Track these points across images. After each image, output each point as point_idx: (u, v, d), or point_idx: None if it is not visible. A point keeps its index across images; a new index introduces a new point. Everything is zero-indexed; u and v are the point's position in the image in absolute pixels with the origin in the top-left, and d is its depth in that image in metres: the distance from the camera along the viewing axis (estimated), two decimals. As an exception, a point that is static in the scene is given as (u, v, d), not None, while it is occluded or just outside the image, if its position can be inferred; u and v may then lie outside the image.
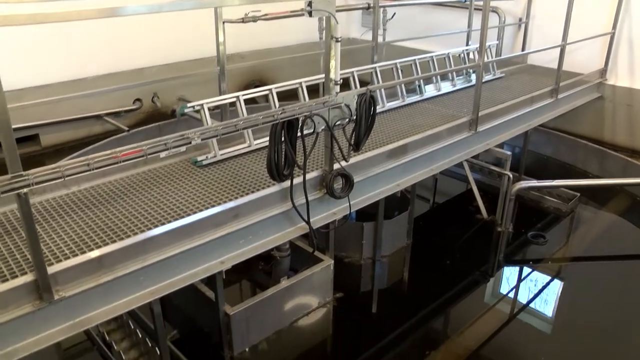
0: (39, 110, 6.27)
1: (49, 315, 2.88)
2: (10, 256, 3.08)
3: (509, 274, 5.58)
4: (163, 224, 3.36)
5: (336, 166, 3.97)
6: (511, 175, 6.10)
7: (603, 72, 7.40)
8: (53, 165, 2.72)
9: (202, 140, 3.16)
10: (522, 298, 5.14)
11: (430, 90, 6.27)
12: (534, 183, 6.38)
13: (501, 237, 6.05)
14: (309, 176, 3.83)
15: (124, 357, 4.26)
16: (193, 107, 4.34)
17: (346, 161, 4.02)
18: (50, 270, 2.85)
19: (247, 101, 4.63)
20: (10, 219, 3.53)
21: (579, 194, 6.66)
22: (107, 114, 6.80)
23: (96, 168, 2.82)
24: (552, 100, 6.48)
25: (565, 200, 6.66)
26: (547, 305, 5.01)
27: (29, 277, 2.82)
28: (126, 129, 6.07)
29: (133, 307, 3.19)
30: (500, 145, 6.27)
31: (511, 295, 5.21)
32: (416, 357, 4.32)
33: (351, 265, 5.55)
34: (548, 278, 5.41)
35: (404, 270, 5.60)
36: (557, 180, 6.34)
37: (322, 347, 4.59)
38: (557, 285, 5.33)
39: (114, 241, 3.20)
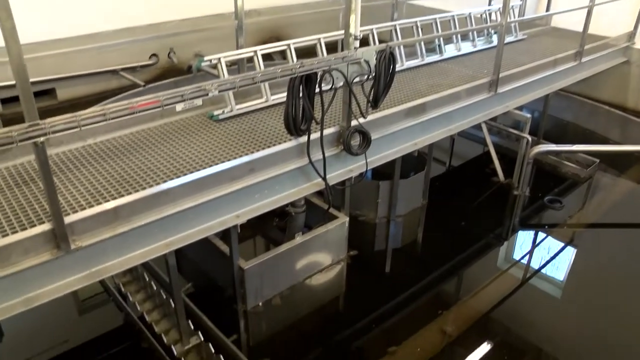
0: (56, 64, 6.23)
1: (66, 264, 2.91)
2: (28, 206, 3.09)
3: (524, 237, 5.55)
4: (179, 176, 3.34)
5: (354, 123, 3.92)
6: (530, 139, 6.00)
7: (631, 36, 7.17)
8: (69, 115, 2.69)
9: (219, 92, 3.11)
10: (535, 263, 5.12)
11: (450, 50, 6.14)
12: (552, 147, 6.29)
13: (517, 200, 6.00)
14: (326, 132, 3.79)
15: (139, 308, 4.31)
16: (210, 60, 4.27)
17: (364, 118, 3.97)
18: (67, 220, 2.86)
19: (264, 58, 4.56)
20: (28, 170, 3.54)
21: (598, 160, 6.56)
22: (123, 69, 6.74)
23: (112, 118, 2.78)
24: (576, 63, 6.32)
25: (583, 166, 6.56)
26: (559, 270, 4.99)
27: (46, 227, 2.84)
28: (142, 84, 6.06)
29: (148, 258, 3.20)
30: (520, 108, 6.17)
31: (524, 259, 5.18)
32: (428, 316, 4.34)
33: (366, 224, 5.54)
34: (562, 243, 5.38)
35: (418, 230, 5.59)
36: (576, 145, 6.24)
37: (335, 304, 4.61)
38: (571, 251, 5.29)
39: (130, 193, 3.19)
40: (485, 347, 4.01)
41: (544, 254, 5.22)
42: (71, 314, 4.50)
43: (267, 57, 4.60)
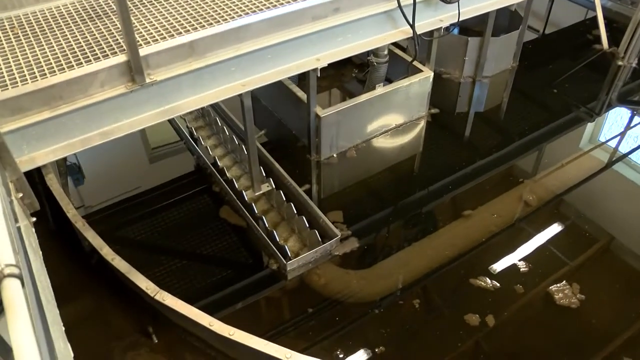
0: None
1: (141, 98, 2.88)
2: (102, 40, 3.00)
3: (618, 115, 5.04)
4: (257, 12, 3.14)
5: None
6: (648, 1, 5.32)
7: None
8: None
9: None
10: (625, 146, 4.66)
11: None
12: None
13: (620, 72, 5.43)
14: (419, -27, 3.45)
15: (211, 153, 4.33)
16: None
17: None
18: (142, 52, 2.78)
19: None
20: (102, 4, 3.40)
21: None
22: None
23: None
24: None
25: None
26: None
27: (121, 58, 2.77)
28: None
29: (223, 98, 3.13)
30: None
31: (614, 140, 4.73)
32: (504, 185, 4.16)
33: (450, 83, 5.24)
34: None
35: (504, 95, 5.23)
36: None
37: (410, 163, 4.49)
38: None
39: (206, 28, 3.03)
40: (556, 228, 3.82)
41: (637, 138, 4.75)
42: (142, 163, 4.60)
43: None
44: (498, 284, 3.42)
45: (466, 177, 4.23)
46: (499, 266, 3.54)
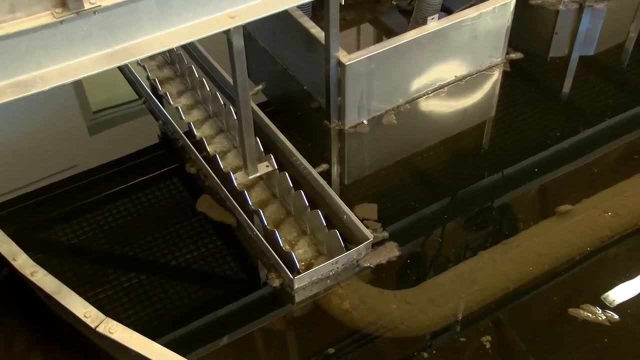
0: None
1: (76, 33, 2.82)
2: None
3: None
4: None
5: None
6: None
7: None
8: None
9: None
10: None
11: None
12: None
13: None
14: None
15: (183, 118, 4.30)
16: None
17: None
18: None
19: None
20: None
21: None
22: None
23: None
24: None
25: None
26: None
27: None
28: None
29: (202, 35, 3.05)
30: None
31: None
32: (617, 171, 4.10)
33: (541, 12, 5.20)
34: None
35: (631, 29, 5.15)
36: None
37: (476, 134, 4.42)
38: None
39: None
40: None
41: None
42: (78, 132, 4.59)
43: None
44: (616, 317, 3.33)
45: (562, 155, 4.20)
46: (617, 291, 3.46)
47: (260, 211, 3.68)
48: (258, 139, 3.85)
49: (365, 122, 4.33)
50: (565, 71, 4.84)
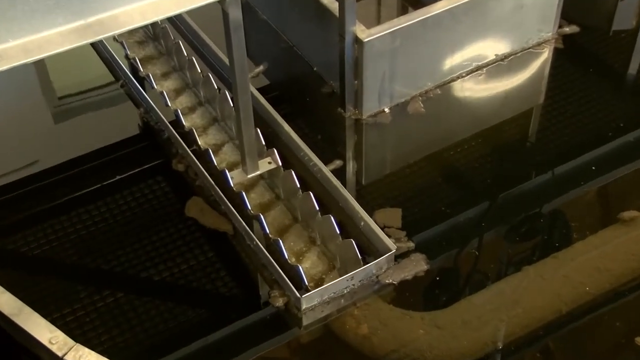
0: None
1: (40, 1, 2.78)
2: None
3: None
4: None
5: None
6: None
7: None
8: None
9: None
10: None
11: None
12: None
13: None
14: None
15: (170, 104, 4.29)
16: None
17: None
18: None
19: None
20: None
21: None
22: None
23: None
24: None
25: None
26: None
27: None
28: None
29: (191, 6, 3.03)
30: None
31: None
32: None
33: None
34: None
35: None
36: None
37: (521, 125, 4.41)
38: None
39: None
40: None
41: None
42: (42, 121, 4.62)
43: None
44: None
45: (626, 151, 4.20)
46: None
47: (261, 216, 3.63)
48: (259, 131, 3.84)
49: (386, 110, 4.31)
50: (632, 48, 4.84)
